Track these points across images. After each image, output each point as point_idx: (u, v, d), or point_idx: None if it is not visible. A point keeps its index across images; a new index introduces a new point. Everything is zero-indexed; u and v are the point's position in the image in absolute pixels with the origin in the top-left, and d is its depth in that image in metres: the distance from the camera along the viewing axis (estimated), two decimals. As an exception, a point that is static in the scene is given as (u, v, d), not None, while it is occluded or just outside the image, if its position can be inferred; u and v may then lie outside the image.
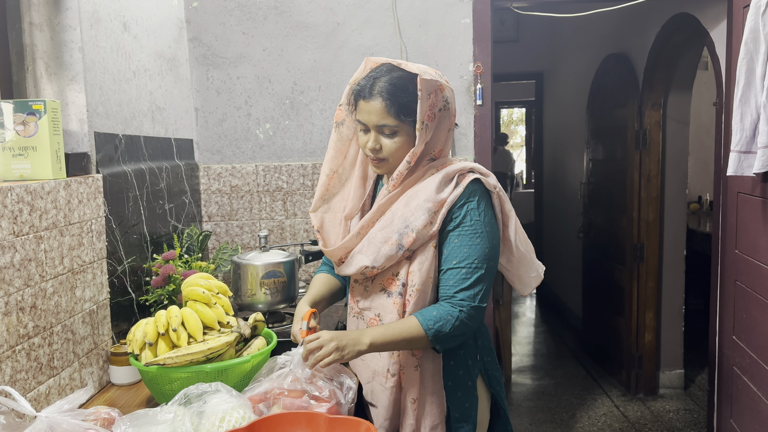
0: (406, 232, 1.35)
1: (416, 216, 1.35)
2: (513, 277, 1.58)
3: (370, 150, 1.39)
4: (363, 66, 1.40)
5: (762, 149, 2.00)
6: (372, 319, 1.45)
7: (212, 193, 2.59)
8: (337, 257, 1.46)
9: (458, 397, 1.44)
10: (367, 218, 1.42)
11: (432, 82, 1.33)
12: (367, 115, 1.36)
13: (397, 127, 1.35)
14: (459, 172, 1.40)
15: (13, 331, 1.30)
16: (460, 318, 1.34)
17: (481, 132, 2.55)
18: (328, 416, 1.20)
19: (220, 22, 2.55)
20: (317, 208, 1.50)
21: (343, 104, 1.45)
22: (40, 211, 1.40)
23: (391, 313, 1.40)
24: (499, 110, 9.98)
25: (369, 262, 1.38)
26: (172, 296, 1.87)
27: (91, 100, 1.71)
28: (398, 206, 1.39)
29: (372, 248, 1.39)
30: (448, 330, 1.34)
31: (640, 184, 3.63)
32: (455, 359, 1.44)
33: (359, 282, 1.47)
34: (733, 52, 2.38)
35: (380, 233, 1.38)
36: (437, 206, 1.35)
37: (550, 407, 3.61)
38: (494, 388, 1.51)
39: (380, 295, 1.43)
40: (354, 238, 1.42)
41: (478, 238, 1.36)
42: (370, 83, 1.35)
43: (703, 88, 4.59)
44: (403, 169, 1.38)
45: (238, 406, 1.22)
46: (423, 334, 1.33)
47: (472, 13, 2.52)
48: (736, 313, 2.47)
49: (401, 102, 1.33)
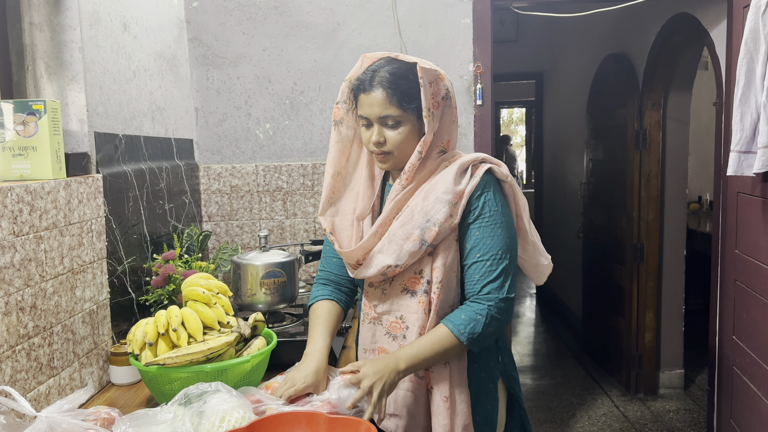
0: (428, 227, 1.32)
1: (437, 209, 1.32)
2: (529, 267, 1.54)
3: (375, 144, 1.35)
4: (360, 63, 1.37)
5: (762, 149, 2.00)
6: (393, 323, 1.40)
7: (212, 193, 2.59)
8: (355, 259, 1.40)
9: (481, 400, 1.42)
10: (384, 216, 1.37)
11: (431, 70, 1.31)
12: (369, 108, 1.33)
13: (401, 117, 1.32)
14: (472, 162, 1.37)
15: (13, 331, 1.30)
16: (490, 314, 1.32)
17: (481, 132, 2.55)
18: (327, 416, 1.20)
19: (220, 22, 2.55)
20: (325, 211, 1.45)
21: (341, 102, 1.41)
22: (40, 211, 1.40)
23: (416, 313, 1.36)
24: (499, 110, 9.98)
25: (392, 260, 1.34)
26: (172, 296, 1.87)
27: (91, 100, 1.71)
28: (416, 201, 1.35)
29: (393, 246, 1.34)
30: (480, 329, 1.31)
31: (640, 184, 3.63)
32: (478, 362, 1.41)
33: (376, 285, 1.42)
34: (733, 52, 2.38)
35: (401, 230, 1.34)
36: (456, 198, 1.32)
37: (550, 407, 3.61)
38: (513, 389, 1.49)
39: (402, 296, 1.39)
40: (373, 238, 1.37)
41: (499, 229, 1.34)
42: (370, 76, 1.33)
43: (703, 88, 4.59)
44: (415, 161, 1.34)
45: (238, 406, 1.22)
46: (457, 342, 1.30)
47: (472, 13, 2.52)
48: (736, 313, 2.47)
49: (402, 90, 1.31)
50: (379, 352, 1.43)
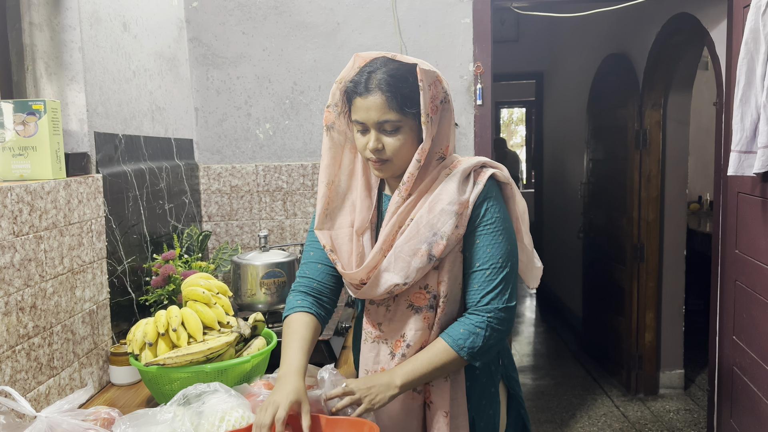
0: (435, 240, 1.25)
1: (443, 221, 1.25)
2: (525, 270, 1.49)
3: (372, 151, 1.26)
4: (351, 62, 1.28)
5: (762, 149, 2.00)
6: (397, 341, 1.33)
7: (212, 193, 2.59)
8: (359, 279, 1.31)
9: (483, 405, 1.37)
10: (387, 231, 1.29)
11: (431, 72, 1.24)
12: (366, 113, 1.24)
13: (400, 122, 1.24)
14: (473, 168, 1.30)
15: (13, 331, 1.30)
16: (490, 326, 1.26)
17: (481, 132, 2.55)
18: (329, 417, 1.20)
19: (220, 22, 2.55)
20: (322, 225, 1.36)
21: (331, 105, 1.31)
22: (40, 211, 1.40)
23: (419, 330, 1.30)
24: (499, 110, 9.98)
25: (400, 279, 1.26)
26: (172, 296, 1.87)
27: (91, 100, 1.71)
28: (421, 213, 1.27)
29: (400, 263, 1.26)
30: (481, 343, 1.25)
31: (640, 184, 3.63)
32: (480, 368, 1.36)
33: (378, 303, 1.34)
34: (733, 52, 2.38)
35: (407, 246, 1.26)
36: (462, 208, 1.26)
37: (550, 407, 3.61)
38: (514, 389, 1.46)
39: (407, 313, 1.32)
40: (377, 256, 1.29)
41: (500, 236, 1.28)
42: (365, 78, 1.24)
43: (703, 88, 4.59)
44: (414, 170, 1.26)
45: (237, 405, 1.22)
46: (456, 356, 1.25)
47: (472, 13, 2.52)
48: (736, 313, 2.47)
49: (403, 93, 1.22)
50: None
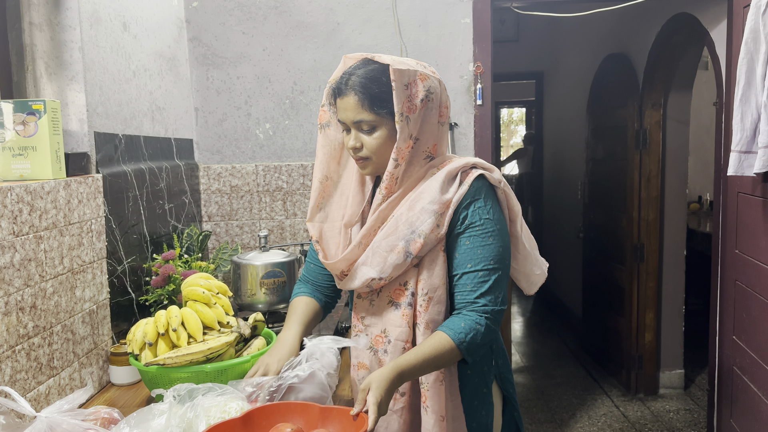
0: (413, 238, 1.27)
1: (422, 220, 1.27)
2: (520, 276, 1.50)
3: (351, 149, 1.31)
4: (342, 64, 1.32)
5: (762, 149, 2.00)
6: (378, 336, 1.35)
7: (212, 193, 2.59)
8: (339, 270, 1.36)
9: (475, 406, 1.37)
10: (368, 227, 1.32)
11: (407, 71, 1.25)
12: (344, 113, 1.29)
13: (375, 121, 1.27)
14: (462, 169, 1.31)
15: (13, 331, 1.30)
16: (488, 324, 1.27)
17: (481, 132, 2.55)
18: (321, 406, 1.20)
19: (220, 22, 2.55)
20: (314, 216, 1.40)
21: (325, 104, 1.37)
22: (40, 211, 1.40)
23: (400, 327, 1.31)
24: (499, 110, 9.98)
25: (375, 273, 1.30)
26: (172, 296, 1.87)
27: (91, 100, 1.71)
28: (401, 211, 1.30)
29: (377, 258, 1.30)
30: (480, 340, 1.26)
31: (640, 184, 3.63)
32: (472, 368, 1.36)
33: (363, 297, 1.38)
34: (733, 52, 2.38)
35: (385, 241, 1.29)
36: (443, 208, 1.27)
37: (550, 407, 3.61)
38: (507, 391, 1.45)
39: (388, 309, 1.34)
40: (356, 249, 1.33)
41: (490, 238, 1.28)
42: (346, 79, 1.28)
43: (703, 88, 4.59)
44: (392, 169, 1.28)
45: (232, 398, 1.22)
46: (454, 349, 1.24)
47: (472, 12, 2.52)
48: (736, 313, 2.47)
49: (372, 94, 1.26)
50: (358, 368, 1.38)
